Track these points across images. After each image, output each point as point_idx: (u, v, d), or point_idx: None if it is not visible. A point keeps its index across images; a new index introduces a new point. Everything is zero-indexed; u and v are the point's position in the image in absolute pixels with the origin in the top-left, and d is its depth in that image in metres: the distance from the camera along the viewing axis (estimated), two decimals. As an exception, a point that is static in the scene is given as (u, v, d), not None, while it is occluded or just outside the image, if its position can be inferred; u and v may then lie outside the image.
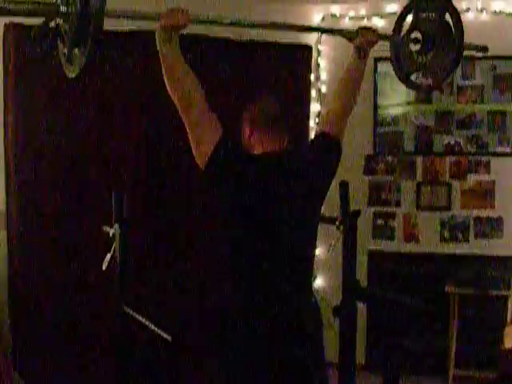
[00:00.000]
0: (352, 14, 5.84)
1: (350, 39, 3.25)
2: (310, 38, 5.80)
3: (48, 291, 4.79)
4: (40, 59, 4.69)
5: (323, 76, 5.88)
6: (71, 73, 2.64)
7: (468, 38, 5.42)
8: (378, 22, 5.80)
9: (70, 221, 4.83)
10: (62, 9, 2.49)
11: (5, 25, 4.69)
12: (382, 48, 5.74)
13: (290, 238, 2.85)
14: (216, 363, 2.92)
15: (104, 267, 3.79)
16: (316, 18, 5.85)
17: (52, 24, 2.62)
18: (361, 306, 4.92)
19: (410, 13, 3.41)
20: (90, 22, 2.38)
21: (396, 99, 5.90)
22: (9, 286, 4.81)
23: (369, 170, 5.97)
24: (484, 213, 5.83)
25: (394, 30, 3.47)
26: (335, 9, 5.85)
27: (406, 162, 5.94)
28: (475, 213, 5.84)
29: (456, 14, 3.21)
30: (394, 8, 5.75)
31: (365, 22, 5.82)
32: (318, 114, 5.86)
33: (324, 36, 5.85)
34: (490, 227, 5.82)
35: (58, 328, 4.81)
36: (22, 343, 4.79)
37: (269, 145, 2.90)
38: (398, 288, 5.63)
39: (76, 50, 2.52)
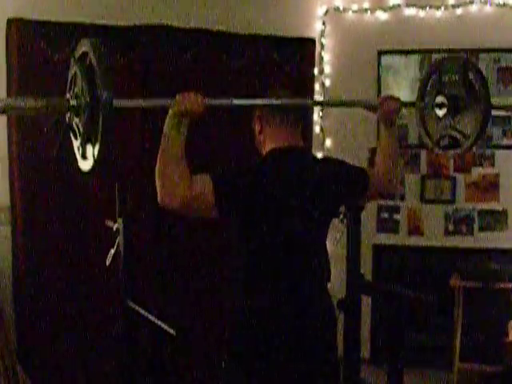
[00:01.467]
0: (355, 7, 5.83)
1: (374, 110, 3.13)
2: (314, 31, 5.79)
3: (52, 286, 4.80)
4: (44, 55, 4.74)
5: (327, 69, 5.86)
6: (85, 167, 2.63)
7: (472, 31, 5.45)
8: (382, 15, 5.78)
9: (74, 216, 4.83)
10: (72, 103, 2.49)
11: (8, 20, 4.69)
12: (385, 41, 5.81)
13: (303, 238, 2.81)
14: (228, 365, 2.89)
15: (108, 262, 3.79)
16: (319, 11, 5.83)
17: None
18: (365, 300, 4.92)
19: (431, 78, 3.33)
20: (99, 116, 2.37)
21: (399, 92, 5.88)
22: (13, 282, 4.82)
23: (373, 163, 5.95)
24: (488, 206, 5.81)
25: (417, 96, 3.40)
26: (338, 2, 5.83)
27: (410, 156, 5.92)
28: (480, 206, 5.83)
29: (479, 73, 3.15)
30: (397, 1, 5.74)
31: (368, 15, 5.81)
32: (322, 108, 5.85)
33: (327, 29, 5.83)
34: (495, 220, 5.80)
35: (62, 323, 4.82)
36: (27, 338, 4.80)
37: (280, 140, 2.85)
38: (403, 281, 5.62)
39: (88, 145, 2.51)
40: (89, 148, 2.52)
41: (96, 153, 2.46)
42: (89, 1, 5.00)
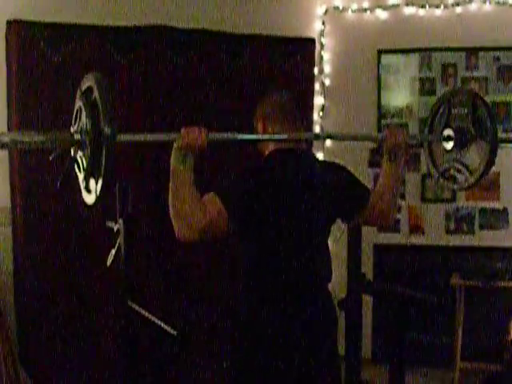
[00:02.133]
0: (355, 6, 5.82)
1: (379, 142, 3.10)
2: (313, 31, 5.78)
3: (53, 287, 4.80)
4: (43, 57, 4.74)
5: (327, 69, 5.85)
6: (89, 200, 2.64)
7: (471, 29, 5.45)
8: (381, 15, 5.78)
9: (75, 216, 4.83)
10: (77, 137, 2.49)
11: (7, 21, 4.69)
12: (385, 40, 5.80)
13: (307, 236, 2.81)
14: (230, 364, 2.89)
15: (109, 263, 3.79)
16: (319, 10, 5.82)
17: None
18: (367, 299, 4.92)
19: (439, 111, 3.32)
20: (101, 152, 2.38)
21: (399, 91, 5.88)
22: (14, 282, 4.82)
23: (373, 162, 5.95)
24: (489, 204, 5.81)
25: (425, 129, 3.39)
26: (338, 1, 5.83)
27: (410, 155, 5.92)
28: (480, 204, 5.82)
29: (487, 107, 3.12)
30: (396, 0, 5.74)
31: (368, 15, 5.80)
32: (322, 108, 5.84)
33: (327, 29, 5.83)
34: (496, 219, 5.80)
35: (63, 323, 4.82)
36: (28, 339, 4.80)
37: (281, 143, 2.85)
38: (404, 281, 5.62)
39: (92, 179, 2.52)
40: (92, 182, 2.53)
41: (99, 188, 2.47)
42: (89, 2, 4.99)
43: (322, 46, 5.82)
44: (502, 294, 5.52)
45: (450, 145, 3.24)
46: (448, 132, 3.24)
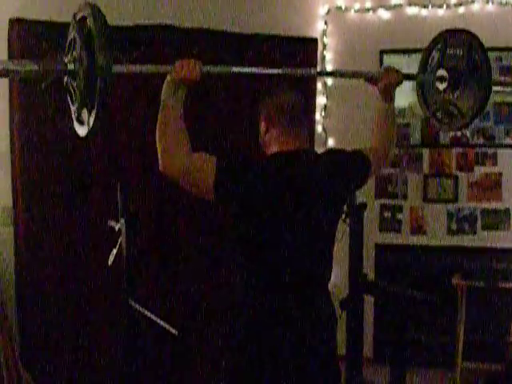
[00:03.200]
0: (357, 6, 5.82)
1: (374, 82, 3.13)
2: (315, 31, 5.79)
3: (54, 287, 4.80)
4: (45, 56, 4.73)
5: (329, 69, 5.85)
6: (81, 132, 2.62)
7: (474, 29, 5.41)
8: (384, 15, 5.78)
9: (77, 216, 4.83)
10: (70, 67, 2.48)
11: (9, 20, 4.69)
12: (388, 40, 5.80)
13: (304, 242, 2.77)
14: (228, 363, 2.88)
15: (110, 262, 3.79)
16: (321, 10, 5.83)
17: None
18: (368, 299, 4.92)
19: (434, 50, 3.32)
20: (97, 81, 2.36)
21: (402, 91, 5.86)
22: (16, 282, 4.82)
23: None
24: (491, 205, 5.81)
25: (419, 68, 3.41)
26: (340, 1, 5.83)
27: (412, 155, 5.92)
28: (482, 205, 5.82)
29: (484, 51, 3.12)
30: (399, 0, 5.74)
31: (370, 15, 5.80)
32: (324, 107, 5.85)
33: (329, 29, 5.83)
34: (498, 219, 5.80)
35: (64, 323, 4.82)
36: (29, 338, 4.81)
37: (286, 143, 2.81)
38: (405, 281, 5.62)
39: (85, 110, 2.50)
40: (84, 113, 2.51)
41: (92, 119, 2.46)
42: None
43: (324, 45, 5.83)
44: (504, 295, 5.52)
45: (443, 86, 3.24)
46: (442, 72, 3.24)
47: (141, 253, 4.65)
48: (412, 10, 5.75)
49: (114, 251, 3.78)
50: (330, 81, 5.86)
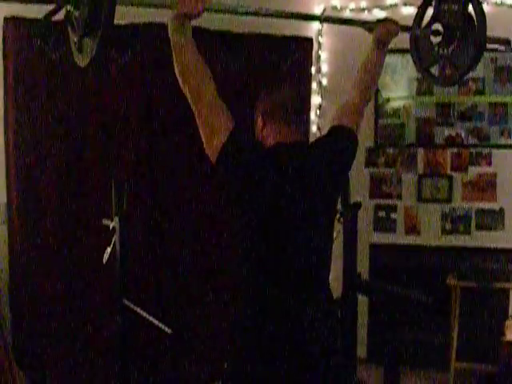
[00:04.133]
0: (352, 5, 5.82)
1: (371, 30, 3.19)
2: (311, 30, 5.78)
3: (49, 284, 4.79)
4: (40, 54, 4.72)
5: (324, 68, 5.86)
6: (81, 62, 2.61)
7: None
8: (379, 14, 5.78)
9: (71, 214, 4.83)
10: None
11: (4, 18, 4.68)
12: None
13: (306, 235, 2.77)
14: (229, 364, 2.88)
15: (104, 261, 3.79)
16: (317, 9, 5.82)
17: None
18: (362, 299, 4.92)
19: (430, 4, 3.33)
20: (101, 8, 2.35)
21: (397, 91, 5.88)
22: (10, 280, 4.81)
23: (370, 162, 5.96)
24: (485, 205, 5.81)
25: (414, 22, 3.40)
26: (336, 1, 5.83)
27: (407, 155, 5.92)
28: (477, 205, 5.83)
29: (479, 6, 3.10)
30: (394, 0, 5.74)
31: (365, 14, 5.80)
32: (319, 107, 5.85)
33: (325, 28, 5.83)
34: (492, 219, 5.80)
35: (58, 322, 4.81)
36: (23, 337, 4.80)
37: (283, 137, 2.82)
38: (400, 281, 5.60)
39: (87, 39, 2.49)
40: (87, 42, 2.50)
41: (95, 46, 2.44)
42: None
43: (319, 45, 5.82)
44: (498, 295, 5.54)
45: (437, 39, 3.25)
46: (436, 26, 3.25)
47: (135, 251, 4.65)
48: (407, 10, 5.74)
49: (109, 250, 3.78)
50: (325, 80, 5.85)
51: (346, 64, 5.81)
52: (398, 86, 5.88)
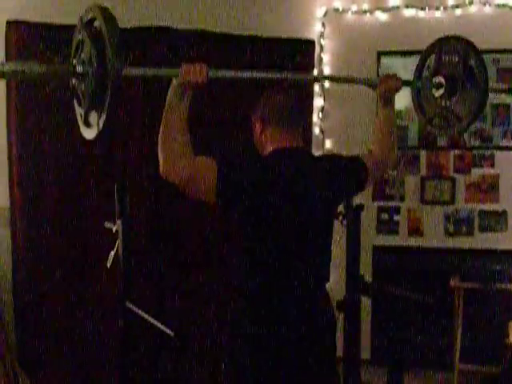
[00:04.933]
0: (355, 8, 5.83)
1: (373, 87, 3.16)
2: (313, 33, 5.79)
3: (52, 288, 4.80)
4: (43, 57, 4.73)
5: (326, 71, 5.86)
6: (89, 135, 2.61)
7: (471, 32, 5.41)
8: (381, 16, 5.79)
9: (73, 217, 4.83)
10: (79, 69, 2.47)
11: (7, 22, 4.70)
12: (385, 42, 5.80)
13: (303, 236, 2.79)
14: (228, 365, 2.89)
15: (109, 264, 3.78)
16: (319, 12, 5.83)
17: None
18: (365, 301, 4.92)
19: (429, 57, 3.35)
20: (107, 83, 2.35)
21: (399, 94, 5.86)
22: (12, 283, 4.82)
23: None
24: (488, 206, 5.81)
25: (414, 75, 3.42)
26: (338, 3, 5.83)
27: (409, 157, 5.92)
28: (480, 207, 5.83)
29: (479, 57, 3.14)
30: (396, 2, 5.74)
31: (367, 17, 5.81)
32: (322, 110, 5.85)
33: (327, 31, 5.84)
34: (495, 221, 5.80)
35: (61, 323, 4.82)
36: (26, 340, 4.80)
37: (281, 142, 2.84)
38: (403, 282, 5.62)
39: (93, 112, 2.49)
40: (93, 115, 2.50)
41: (102, 121, 2.44)
42: (88, 3, 4.99)
43: (321, 47, 5.83)
44: (501, 296, 5.53)
45: (439, 92, 3.25)
46: (438, 79, 3.25)
47: (138, 254, 4.65)
48: (409, 12, 5.75)
49: (112, 253, 3.78)
50: (327, 83, 5.85)
51: (348, 66, 5.83)
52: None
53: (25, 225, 4.76)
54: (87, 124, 2.57)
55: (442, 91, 3.25)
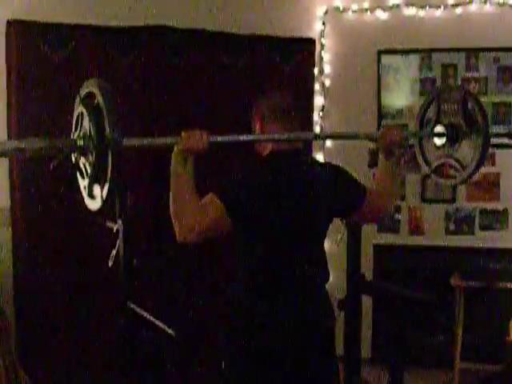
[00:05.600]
0: (355, 7, 5.82)
1: (375, 140, 3.13)
2: (313, 32, 5.79)
3: (53, 288, 4.80)
4: (43, 57, 4.74)
5: (327, 69, 5.85)
6: (93, 206, 2.63)
7: (472, 30, 5.43)
8: (381, 15, 5.78)
9: (74, 216, 4.82)
10: (80, 143, 2.49)
11: (7, 21, 4.70)
12: (385, 40, 5.81)
13: (306, 237, 2.83)
14: (227, 365, 2.89)
15: (110, 264, 3.79)
16: (319, 11, 5.82)
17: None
18: (366, 300, 4.92)
19: (429, 107, 3.36)
20: (107, 156, 2.36)
21: (400, 92, 5.88)
22: (13, 283, 4.82)
23: (373, 163, 5.95)
24: (489, 205, 5.81)
25: (415, 125, 3.45)
26: (338, 2, 5.83)
27: (410, 155, 5.91)
28: (480, 205, 5.82)
29: (477, 102, 3.14)
30: (397, 1, 5.74)
31: (368, 15, 5.80)
32: (322, 108, 5.84)
33: (327, 29, 5.83)
34: (496, 219, 5.80)
35: (62, 324, 4.82)
36: (27, 340, 4.80)
37: (278, 143, 2.85)
38: (404, 281, 5.62)
39: (96, 185, 2.51)
40: (96, 188, 2.52)
41: (105, 193, 2.46)
42: (88, 2, 5.00)
43: (322, 46, 5.82)
44: (502, 295, 5.52)
45: (441, 141, 3.26)
46: (439, 129, 3.26)
47: (139, 253, 4.65)
48: (409, 11, 5.74)
49: (114, 252, 3.78)
50: (328, 81, 5.85)
51: (349, 65, 5.83)
52: (401, 86, 5.88)
53: (25, 225, 4.76)
54: (91, 196, 2.59)
55: (443, 140, 3.25)
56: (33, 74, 4.74)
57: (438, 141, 3.28)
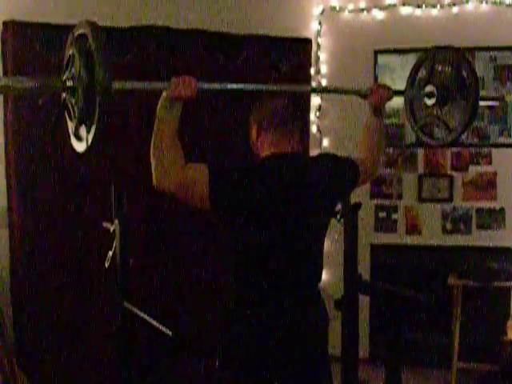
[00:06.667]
0: (351, 6, 5.83)
1: (365, 97, 3.19)
2: (310, 31, 5.79)
3: (50, 288, 4.80)
4: (39, 57, 4.73)
5: (323, 69, 5.86)
6: (79, 148, 2.63)
7: (468, 29, 5.43)
8: (378, 15, 5.79)
9: (71, 217, 4.83)
10: (69, 84, 2.48)
11: (3, 22, 4.69)
12: (382, 40, 5.81)
13: (300, 240, 2.81)
14: (221, 364, 2.90)
15: (107, 264, 3.79)
16: (315, 10, 5.83)
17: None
18: (363, 299, 4.92)
19: (422, 67, 3.39)
20: (96, 99, 2.36)
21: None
22: (11, 283, 4.81)
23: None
24: (486, 204, 5.81)
25: (407, 84, 3.45)
26: (334, 1, 5.83)
27: (407, 155, 5.92)
28: (477, 204, 5.83)
29: (470, 67, 3.18)
30: (393, 0, 5.74)
31: (364, 15, 5.81)
32: (319, 108, 5.85)
33: (324, 29, 5.84)
34: (493, 218, 5.81)
35: (59, 325, 4.81)
36: (25, 340, 4.80)
37: (278, 147, 2.84)
38: (401, 280, 5.62)
39: (83, 127, 2.51)
40: (83, 130, 2.52)
41: (91, 136, 2.46)
42: (85, 2, 4.99)
43: (318, 46, 5.83)
44: (499, 294, 5.54)
45: (431, 101, 3.29)
46: (430, 88, 3.29)
47: (135, 254, 4.65)
48: (406, 10, 5.76)
49: (110, 253, 3.78)
50: (324, 81, 5.86)
51: (345, 65, 5.83)
52: (398, 86, 5.85)
53: (22, 225, 4.76)
54: (78, 138, 2.58)
55: (433, 100, 3.29)
56: (29, 75, 4.73)
57: (428, 101, 3.32)
